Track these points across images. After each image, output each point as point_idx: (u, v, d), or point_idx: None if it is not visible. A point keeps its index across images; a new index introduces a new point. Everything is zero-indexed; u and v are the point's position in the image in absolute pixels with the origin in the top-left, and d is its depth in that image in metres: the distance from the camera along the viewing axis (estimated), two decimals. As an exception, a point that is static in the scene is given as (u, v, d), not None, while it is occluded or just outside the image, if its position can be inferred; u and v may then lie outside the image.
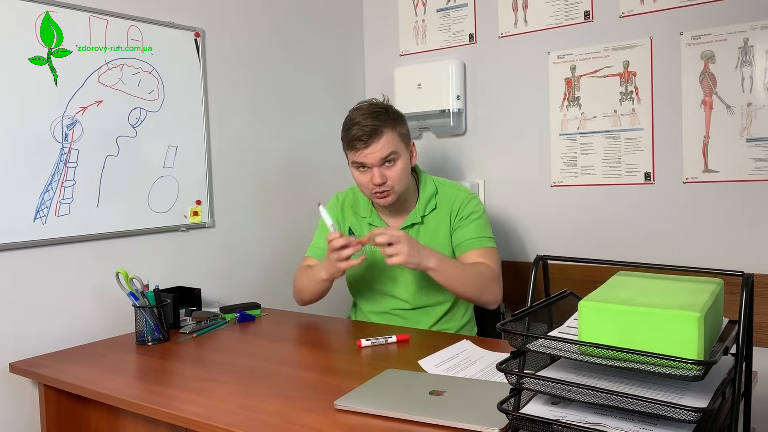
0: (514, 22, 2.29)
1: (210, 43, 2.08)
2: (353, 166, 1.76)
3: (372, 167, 1.71)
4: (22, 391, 1.62)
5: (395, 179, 1.73)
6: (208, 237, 2.09)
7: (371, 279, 1.87)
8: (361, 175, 1.75)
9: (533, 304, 1.07)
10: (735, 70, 1.89)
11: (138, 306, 1.66)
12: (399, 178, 1.73)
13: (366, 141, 1.68)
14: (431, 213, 1.83)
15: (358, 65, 2.68)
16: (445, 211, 1.83)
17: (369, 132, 1.68)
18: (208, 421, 1.13)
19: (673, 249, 2.01)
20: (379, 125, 1.69)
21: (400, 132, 1.75)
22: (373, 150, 1.69)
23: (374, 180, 1.71)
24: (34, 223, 1.65)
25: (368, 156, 1.70)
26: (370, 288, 1.88)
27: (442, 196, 1.85)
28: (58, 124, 1.69)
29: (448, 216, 1.82)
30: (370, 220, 1.86)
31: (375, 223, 1.85)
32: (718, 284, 0.99)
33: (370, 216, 1.86)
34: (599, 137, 2.14)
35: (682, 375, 0.82)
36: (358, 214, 1.89)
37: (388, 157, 1.70)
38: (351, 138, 1.71)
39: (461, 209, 1.82)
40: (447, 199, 1.84)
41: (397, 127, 1.74)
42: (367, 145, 1.68)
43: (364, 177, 1.74)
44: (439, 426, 1.04)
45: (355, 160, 1.73)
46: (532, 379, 0.94)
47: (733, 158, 1.91)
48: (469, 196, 1.85)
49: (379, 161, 1.70)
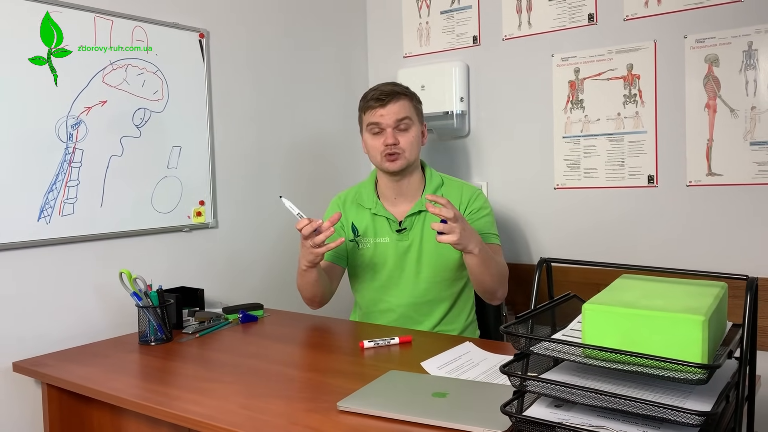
0: (518, 25, 2.29)
1: (214, 44, 2.09)
2: (367, 129, 1.81)
3: (386, 128, 1.76)
4: (26, 390, 1.62)
5: (407, 144, 1.78)
6: (211, 237, 2.09)
7: (374, 271, 1.86)
8: (374, 138, 1.79)
9: (537, 306, 1.07)
10: (739, 74, 1.89)
11: (141, 306, 1.66)
12: (410, 144, 1.78)
13: (383, 101, 1.77)
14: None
15: (361, 67, 2.68)
16: (453, 203, 1.82)
17: (387, 93, 1.78)
18: (210, 421, 1.13)
19: (677, 252, 2.01)
20: (396, 90, 1.80)
21: (415, 105, 1.83)
22: (389, 110, 1.76)
23: (387, 140, 1.76)
24: (38, 223, 1.66)
25: (384, 116, 1.76)
26: (373, 280, 1.87)
27: (448, 188, 1.88)
28: (62, 124, 1.70)
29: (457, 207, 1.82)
30: (375, 210, 1.87)
31: (380, 213, 1.85)
32: (722, 288, 0.99)
33: (375, 206, 1.87)
34: (603, 140, 2.14)
35: (686, 378, 0.82)
36: (363, 206, 1.89)
37: (402, 120, 1.77)
38: (368, 99, 1.80)
39: (470, 203, 1.84)
40: (454, 192, 1.86)
41: (413, 101, 1.84)
42: (384, 105, 1.77)
43: (377, 140, 1.79)
44: (442, 428, 1.04)
45: (371, 120, 1.78)
46: (535, 381, 0.94)
47: (736, 162, 1.90)
48: (477, 192, 1.88)
49: (393, 122, 1.76)
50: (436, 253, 1.81)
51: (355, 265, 1.90)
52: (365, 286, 1.90)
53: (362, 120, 1.84)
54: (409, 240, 1.83)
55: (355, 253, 1.89)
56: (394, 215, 1.85)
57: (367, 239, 1.87)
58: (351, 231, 1.88)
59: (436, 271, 1.82)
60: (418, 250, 1.82)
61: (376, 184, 1.91)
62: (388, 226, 1.85)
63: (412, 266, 1.83)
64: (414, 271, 1.83)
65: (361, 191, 1.92)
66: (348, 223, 1.89)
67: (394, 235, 1.84)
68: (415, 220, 1.83)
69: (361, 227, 1.88)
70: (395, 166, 1.78)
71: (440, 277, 1.82)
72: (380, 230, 1.86)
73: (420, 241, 1.82)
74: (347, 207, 1.92)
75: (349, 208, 1.92)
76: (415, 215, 1.83)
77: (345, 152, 2.58)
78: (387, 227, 1.85)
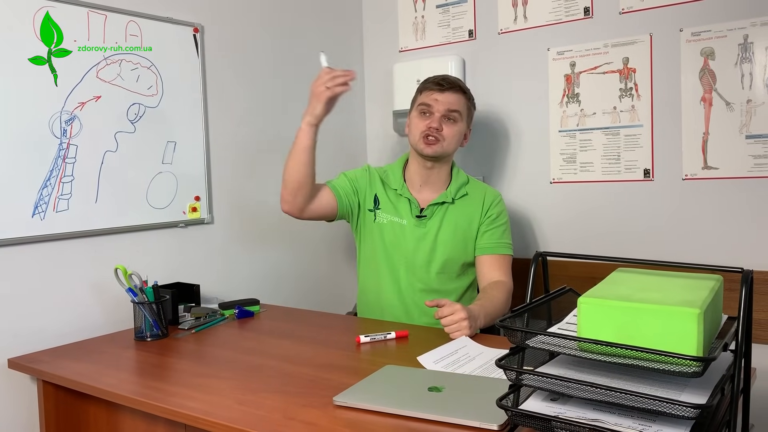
0: (514, 18, 2.29)
1: (209, 39, 2.08)
2: (417, 108, 1.85)
3: (435, 113, 1.80)
4: (21, 387, 1.62)
5: (450, 135, 1.81)
6: (206, 233, 2.09)
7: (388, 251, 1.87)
8: (420, 119, 1.83)
9: (532, 300, 1.07)
10: (735, 67, 1.89)
11: (137, 302, 1.66)
12: (452, 137, 1.82)
13: (443, 87, 1.81)
14: (462, 198, 1.88)
15: (357, 61, 2.67)
16: (476, 202, 1.88)
17: (450, 83, 1.83)
18: (206, 416, 1.13)
19: (673, 246, 2.01)
20: (459, 84, 1.85)
21: (470, 107, 1.89)
22: (445, 98, 1.81)
23: (432, 123, 1.79)
24: (33, 219, 1.65)
25: (438, 101, 1.81)
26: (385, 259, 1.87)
27: (473, 187, 1.91)
28: (56, 119, 1.69)
29: (480, 207, 1.87)
30: (401, 191, 1.88)
31: (405, 195, 1.87)
32: (718, 281, 0.99)
33: (402, 188, 1.88)
34: (599, 134, 2.14)
35: (682, 371, 0.82)
36: (389, 186, 1.90)
37: (453, 111, 1.81)
38: (430, 81, 1.85)
39: (492, 206, 1.88)
40: (479, 192, 1.90)
41: (470, 102, 1.89)
42: (443, 92, 1.81)
43: (422, 121, 1.82)
44: (438, 422, 1.04)
45: (424, 101, 1.83)
46: (531, 375, 0.94)
47: (732, 155, 1.90)
48: (498, 197, 1.92)
49: (444, 110, 1.80)
50: (451, 245, 1.84)
51: (369, 236, 1.90)
52: (375, 262, 1.89)
53: (416, 99, 1.88)
54: (427, 228, 1.85)
55: (370, 224, 1.90)
56: (418, 200, 1.87)
57: (386, 215, 1.88)
58: (372, 201, 1.90)
59: (447, 262, 1.85)
60: (434, 239, 1.84)
61: (404, 169, 1.93)
62: (409, 208, 1.87)
63: (425, 254, 1.85)
64: (426, 258, 1.85)
65: (389, 172, 1.94)
66: (372, 193, 1.91)
67: (413, 219, 1.86)
68: (436, 210, 1.86)
69: (382, 201, 1.90)
70: (431, 150, 1.80)
71: (450, 269, 1.86)
72: (401, 210, 1.88)
73: (437, 230, 1.85)
74: (373, 179, 1.93)
75: (374, 182, 1.93)
76: (437, 205, 1.86)
77: (341, 146, 2.57)
78: (408, 210, 1.87)
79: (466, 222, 1.86)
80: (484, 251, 1.85)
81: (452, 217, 1.85)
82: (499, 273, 1.82)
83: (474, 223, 1.86)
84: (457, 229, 1.84)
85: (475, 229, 1.86)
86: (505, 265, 1.85)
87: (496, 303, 1.71)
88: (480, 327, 1.61)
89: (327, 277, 2.48)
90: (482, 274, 1.84)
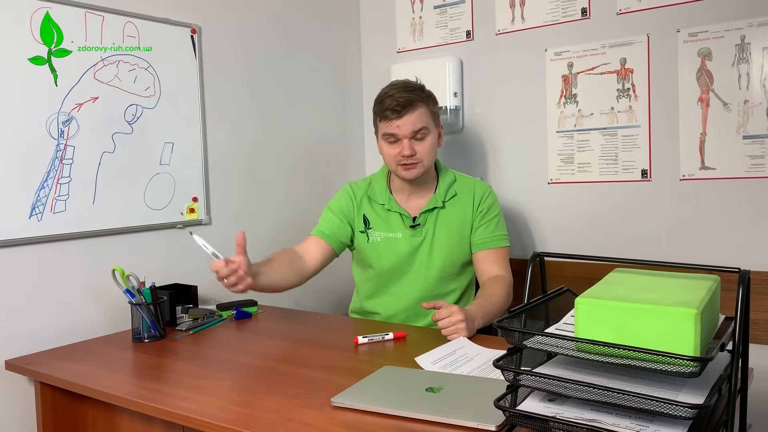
0: (512, 19, 2.29)
1: (206, 40, 2.07)
2: (383, 138, 1.79)
3: (402, 139, 1.74)
4: (18, 388, 1.61)
5: (424, 153, 1.76)
6: (204, 234, 2.08)
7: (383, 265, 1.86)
8: (390, 147, 1.77)
9: (530, 301, 1.07)
10: (732, 68, 1.89)
11: (134, 303, 1.65)
12: (428, 152, 1.77)
13: (399, 112, 1.72)
14: (452, 200, 1.86)
15: (355, 62, 2.67)
16: (466, 200, 1.85)
17: (403, 103, 1.72)
18: (204, 418, 1.12)
19: (670, 246, 2.01)
20: (413, 99, 1.73)
21: (431, 110, 1.79)
22: (405, 122, 1.73)
23: (404, 152, 1.74)
24: (30, 220, 1.65)
25: (400, 127, 1.73)
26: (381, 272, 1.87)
27: (460, 184, 1.88)
28: (53, 120, 1.68)
29: (470, 204, 1.85)
30: (388, 206, 1.86)
31: (393, 209, 1.85)
32: (715, 281, 0.99)
33: (389, 202, 1.87)
34: (596, 134, 2.14)
35: (679, 371, 0.82)
36: (376, 202, 1.89)
37: (419, 130, 1.74)
38: (384, 108, 1.75)
39: (483, 200, 1.85)
40: (467, 189, 1.87)
41: (430, 105, 1.79)
42: (400, 116, 1.72)
43: (393, 149, 1.77)
44: (436, 423, 1.04)
45: (387, 131, 1.76)
46: (528, 375, 0.94)
47: (729, 155, 1.91)
48: (488, 189, 1.89)
49: (410, 133, 1.74)
50: (447, 248, 1.83)
51: (364, 255, 1.89)
52: (372, 276, 1.90)
53: (377, 126, 1.81)
54: (422, 235, 1.84)
55: (364, 245, 1.88)
56: (408, 211, 1.86)
57: (378, 233, 1.87)
58: (362, 222, 1.88)
59: (445, 265, 1.83)
60: (429, 245, 1.84)
61: (388, 178, 1.91)
62: (401, 221, 1.85)
63: (423, 260, 1.84)
64: (425, 265, 1.84)
65: (373, 185, 1.91)
66: (359, 214, 1.89)
67: (408, 230, 1.84)
68: (428, 217, 1.84)
69: (372, 220, 1.88)
70: (411, 175, 1.77)
71: (448, 272, 1.85)
72: (393, 225, 1.86)
73: (432, 235, 1.84)
74: (359, 199, 1.90)
75: (362, 202, 1.90)
76: (428, 212, 1.84)
77: (338, 147, 2.57)
78: (400, 223, 1.85)
79: (459, 222, 1.84)
80: (479, 247, 1.83)
81: (445, 221, 1.84)
82: (497, 267, 1.80)
83: (467, 222, 1.85)
84: (451, 231, 1.83)
85: (468, 227, 1.85)
86: (502, 258, 1.83)
87: (494, 301, 1.70)
88: (478, 327, 1.61)
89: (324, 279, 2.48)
90: (480, 270, 1.83)
